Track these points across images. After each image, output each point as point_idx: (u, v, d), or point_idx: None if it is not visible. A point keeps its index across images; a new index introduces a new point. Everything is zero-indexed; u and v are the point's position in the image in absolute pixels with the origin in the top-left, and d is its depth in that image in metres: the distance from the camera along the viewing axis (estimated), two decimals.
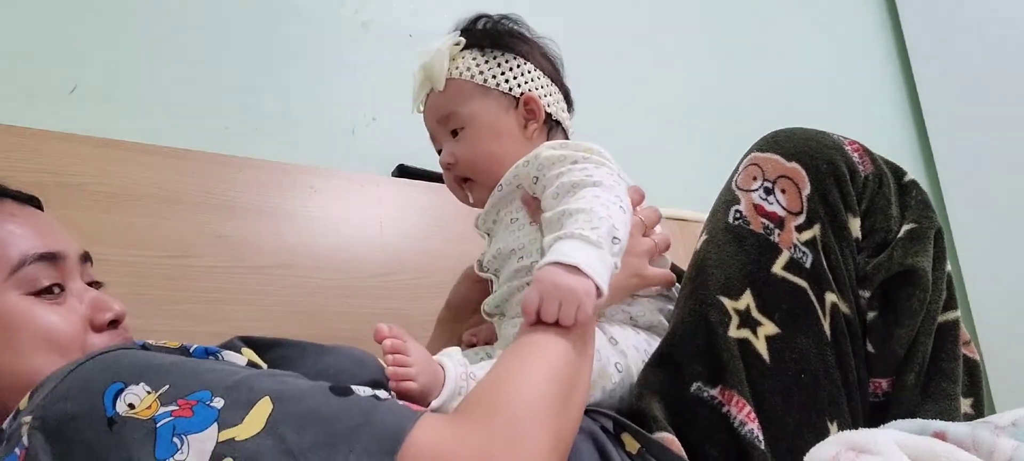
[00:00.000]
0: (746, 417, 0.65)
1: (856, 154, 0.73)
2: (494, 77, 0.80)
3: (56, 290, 0.60)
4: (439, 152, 0.84)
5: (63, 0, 1.03)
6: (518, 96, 0.80)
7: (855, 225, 0.71)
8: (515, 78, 0.80)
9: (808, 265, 0.69)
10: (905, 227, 0.71)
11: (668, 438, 0.64)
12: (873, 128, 2.07)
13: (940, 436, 0.54)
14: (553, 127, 0.83)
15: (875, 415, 0.71)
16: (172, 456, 0.43)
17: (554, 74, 0.85)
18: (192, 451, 0.43)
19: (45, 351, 0.57)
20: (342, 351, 0.63)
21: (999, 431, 0.53)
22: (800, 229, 0.70)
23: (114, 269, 0.75)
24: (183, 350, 0.54)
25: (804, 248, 0.70)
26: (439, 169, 1.23)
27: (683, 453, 0.63)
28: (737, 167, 0.78)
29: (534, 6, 1.54)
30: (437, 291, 1.13)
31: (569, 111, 0.87)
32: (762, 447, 0.64)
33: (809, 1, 2.11)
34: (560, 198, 0.68)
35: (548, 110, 0.81)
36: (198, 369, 0.49)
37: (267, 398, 0.46)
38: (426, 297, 1.13)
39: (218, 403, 0.45)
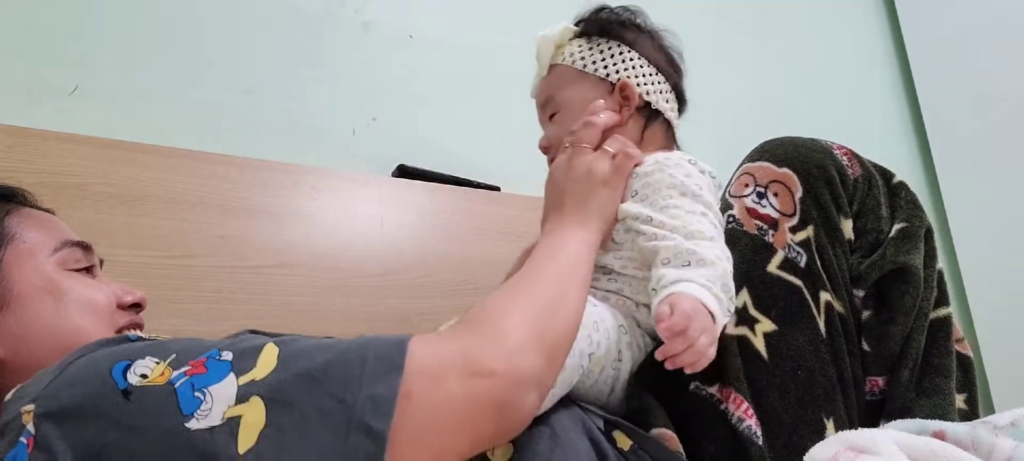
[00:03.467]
0: (744, 413, 0.65)
1: (845, 158, 0.75)
2: (593, 63, 0.80)
3: (92, 270, 0.67)
4: None
5: (64, 0, 1.03)
6: (614, 81, 0.79)
7: (847, 226, 0.73)
8: (614, 64, 0.79)
9: (802, 264, 0.70)
10: (896, 226, 0.73)
11: (666, 434, 0.64)
12: (872, 128, 2.08)
13: (939, 436, 0.54)
14: (652, 116, 0.81)
15: (872, 413, 0.71)
16: (198, 408, 0.44)
17: (664, 66, 0.82)
18: (216, 400, 0.44)
19: (87, 314, 0.62)
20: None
21: (998, 431, 0.53)
22: (794, 230, 0.71)
23: (115, 269, 0.75)
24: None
25: (798, 248, 0.71)
26: (439, 169, 1.24)
27: (680, 448, 0.64)
28: (730, 179, 0.79)
29: (533, 11, 1.54)
30: (437, 291, 1.14)
31: (680, 106, 0.85)
32: (760, 443, 0.64)
33: (808, 2, 2.11)
34: (681, 238, 0.67)
35: (646, 98, 0.79)
36: (197, 340, 0.52)
37: (271, 343, 0.49)
38: (427, 297, 1.13)
39: (228, 355, 0.47)
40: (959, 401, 0.72)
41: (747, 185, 0.75)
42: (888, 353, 0.70)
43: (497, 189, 1.27)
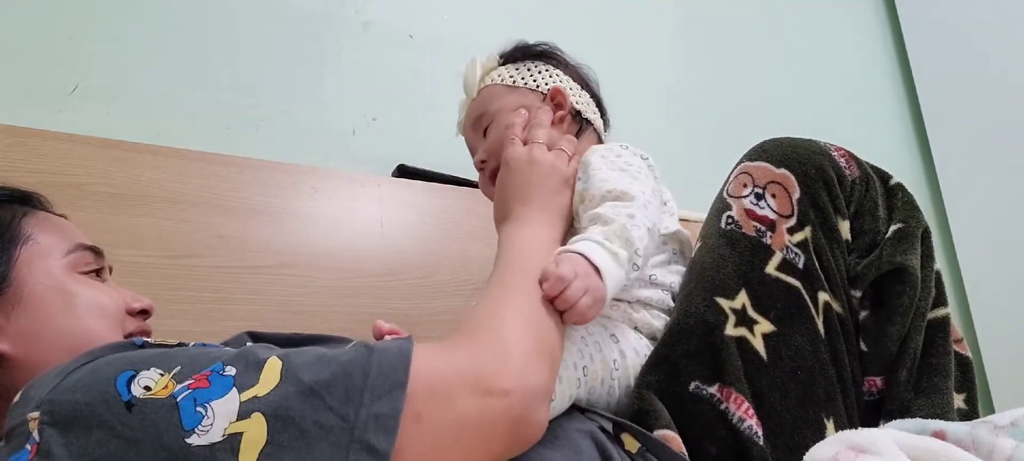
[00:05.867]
0: (745, 413, 0.65)
1: (842, 159, 0.75)
2: (523, 78, 0.84)
3: (101, 274, 0.68)
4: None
5: (64, 0, 1.03)
6: (545, 91, 0.83)
7: (845, 227, 0.73)
8: (542, 78, 0.84)
9: (800, 265, 0.71)
10: (893, 227, 0.73)
11: (669, 435, 0.65)
12: (872, 128, 2.08)
13: (940, 435, 0.54)
14: (584, 124, 0.85)
15: (871, 413, 0.71)
16: (199, 424, 0.43)
17: (586, 85, 0.88)
18: (218, 416, 0.44)
19: (98, 317, 0.63)
20: (347, 342, 0.64)
21: (998, 431, 0.53)
22: (791, 231, 0.72)
23: (116, 269, 0.75)
24: (182, 345, 0.55)
25: (796, 249, 0.71)
26: (439, 169, 1.24)
27: (684, 450, 0.64)
28: (728, 177, 0.79)
29: (533, 11, 1.54)
30: (438, 291, 1.14)
31: (604, 122, 0.89)
32: (761, 443, 0.64)
33: (808, 2, 2.11)
34: (596, 203, 0.70)
35: (576, 106, 0.84)
36: (201, 351, 0.51)
37: (273, 357, 0.49)
38: (427, 297, 1.13)
39: (231, 371, 0.47)
40: (958, 401, 0.72)
41: (745, 185, 0.75)
42: (886, 353, 0.71)
43: None
